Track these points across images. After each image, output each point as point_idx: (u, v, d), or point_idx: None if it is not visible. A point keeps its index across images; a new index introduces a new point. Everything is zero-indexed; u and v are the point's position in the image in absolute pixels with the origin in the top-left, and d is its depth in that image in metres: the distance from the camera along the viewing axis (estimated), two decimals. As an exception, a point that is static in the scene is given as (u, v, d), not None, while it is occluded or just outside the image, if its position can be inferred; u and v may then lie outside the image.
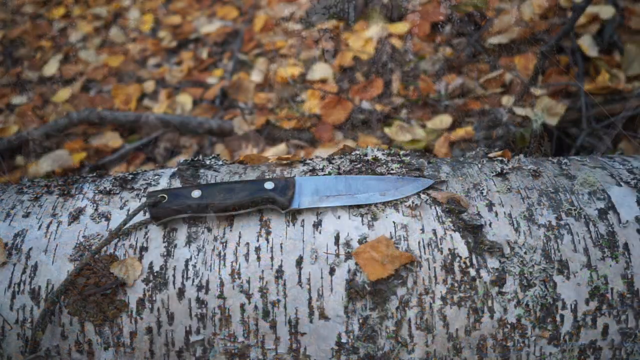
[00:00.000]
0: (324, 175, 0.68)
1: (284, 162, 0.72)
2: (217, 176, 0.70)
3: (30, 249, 0.62)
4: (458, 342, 0.58)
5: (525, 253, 0.60)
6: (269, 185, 0.62)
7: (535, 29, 1.58)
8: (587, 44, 1.46)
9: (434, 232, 0.61)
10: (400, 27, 1.80)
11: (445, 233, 0.61)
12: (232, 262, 0.60)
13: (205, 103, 1.76)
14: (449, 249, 0.60)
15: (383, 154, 0.72)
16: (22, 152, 1.64)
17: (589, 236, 0.61)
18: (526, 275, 0.59)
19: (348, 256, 0.59)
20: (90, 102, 1.88)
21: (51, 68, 2.14)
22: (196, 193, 0.61)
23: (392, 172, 0.68)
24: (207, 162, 0.74)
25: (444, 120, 1.35)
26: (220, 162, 0.74)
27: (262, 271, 0.59)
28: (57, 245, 0.62)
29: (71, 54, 2.23)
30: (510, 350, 0.58)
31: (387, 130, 1.34)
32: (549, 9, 1.65)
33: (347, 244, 0.60)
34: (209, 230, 0.62)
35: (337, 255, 0.59)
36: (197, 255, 0.60)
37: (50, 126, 1.64)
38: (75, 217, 0.64)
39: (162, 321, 0.59)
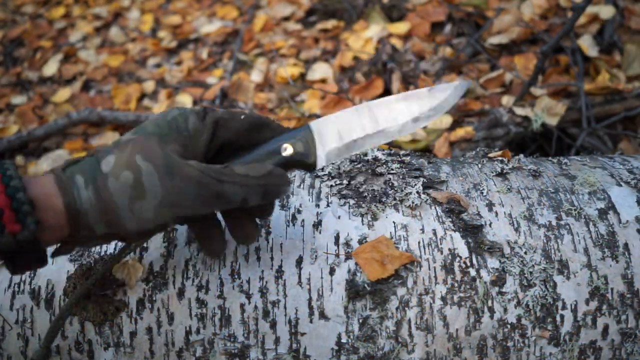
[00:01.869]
0: (342, 112, 0.58)
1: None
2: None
3: (30, 249, 0.62)
4: (458, 342, 0.58)
5: (525, 253, 0.60)
6: (287, 150, 0.53)
7: (535, 29, 1.58)
8: (587, 44, 1.46)
9: (434, 232, 0.61)
10: (400, 27, 1.80)
11: (445, 233, 0.61)
12: (232, 262, 0.60)
13: (205, 103, 1.76)
14: (449, 249, 0.60)
15: (383, 154, 0.72)
16: (22, 152, 1.64)
17: (589, 236, 0.61)
18: (526, 275, 0.59)
19: (348, 256, 0.59)
20: (90, 102, 1.88)
21: (51, 68, 2.14)
22: None
23: (392, 172, 0.68)
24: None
25: (444, 120, 1.35)
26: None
27: (262, 271, 0.59)
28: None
29: (71, 54, 2.23)
30: (511, 350, 0.58)
31: (387, 130, 1.34)
32: (549, 9, 1.65)
33: (347, 244, 0.60)
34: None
35: (337, 255, 0.59)
36: (197, 255, 0.60)
37: (50, 126, 1.64)
38: (75, 217, 0.64)
39: (162, 321, 0.59)
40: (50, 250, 0.49)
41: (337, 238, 0.60)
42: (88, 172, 0.46)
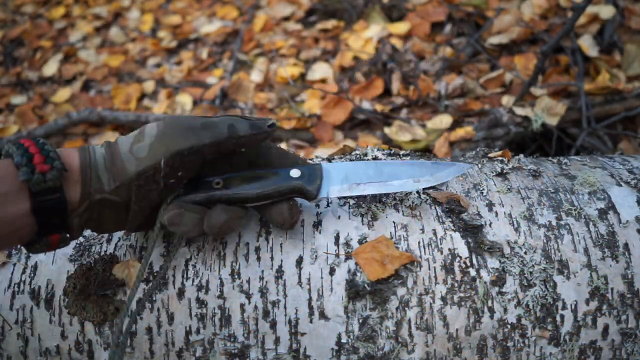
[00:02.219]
0: (352, 162, 0.64)
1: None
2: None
3: (30, 249, 0.62)
4: (458, 342, 0.58)
5: (525, 253, 0.60)
6: (295, 173, 0.58)
7: (535, 29, 1.58)
8: (587, 44, 1.46)
9: (434, 232, 0.61)
10: (400, 27, 1.80)
11: (445, 233, 0.61)
12: (232, 262, 0.60)
13: (205, 103, 1.76)
14: (449, 249, 0.60)
15: (383, 154, 0.72)
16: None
17: (589, 236, 0.61)
18: (526, 275, 0.59)
19: (348, 256, 0.59)
20: (90, 102, 1.88)
21: (51, 68, 2.14)
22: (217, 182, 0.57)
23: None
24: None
25: (444, 120, 1.35)
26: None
27: (262, 271, 0.59)
28: (57, 245, 0.62)
29: (71, 54, 2.23)
30: (511, 350, 0.58)
31: (387, 130, 1.34)
32: (549, 9, 1.65)
33: (347, 244, 0.60)
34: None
35: (337, 255, 0.59)
36: (197, 255, 0.60)
37: (50, 126, 1.64)
38: (75, 217, 0.64)
39: (162, 321, 0.59)
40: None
41: (337, 238, 0.60)
42: (109, 143, 0.54)
